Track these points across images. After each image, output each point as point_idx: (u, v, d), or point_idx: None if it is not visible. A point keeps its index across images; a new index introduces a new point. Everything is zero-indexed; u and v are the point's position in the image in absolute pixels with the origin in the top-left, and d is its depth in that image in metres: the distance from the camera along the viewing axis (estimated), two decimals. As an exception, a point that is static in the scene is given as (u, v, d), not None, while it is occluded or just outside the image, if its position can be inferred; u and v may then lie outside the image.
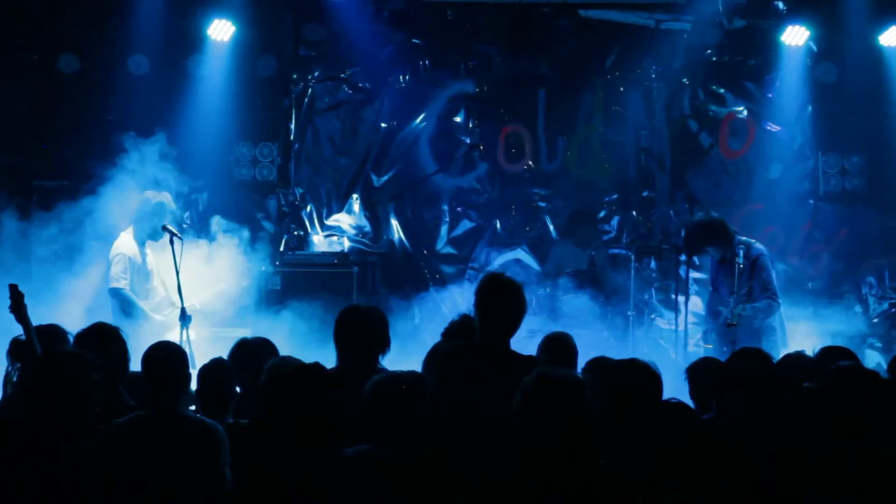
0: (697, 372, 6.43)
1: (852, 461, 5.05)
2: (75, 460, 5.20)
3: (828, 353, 6.65)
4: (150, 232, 9.84)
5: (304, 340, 10.36)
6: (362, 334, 6.29)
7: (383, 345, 6.33)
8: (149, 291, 9.92)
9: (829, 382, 5.43)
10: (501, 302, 6.22)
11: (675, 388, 6.21)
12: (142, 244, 9.88)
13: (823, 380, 5.49)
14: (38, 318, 6.97)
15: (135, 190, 10.46)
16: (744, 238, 9.74)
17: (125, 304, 9.68)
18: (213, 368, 6.23)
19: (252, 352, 6.66)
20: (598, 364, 6.41)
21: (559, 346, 7.12)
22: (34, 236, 11.08)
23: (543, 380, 4.77)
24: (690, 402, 6.05)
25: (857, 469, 5.03)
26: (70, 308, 9.95)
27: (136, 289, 9.78)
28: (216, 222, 11.44)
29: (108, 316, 9.65)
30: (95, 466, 5.23)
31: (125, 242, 9.81)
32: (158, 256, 9.98)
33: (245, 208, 13.31)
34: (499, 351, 6.16)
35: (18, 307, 6.48)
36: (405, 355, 6.81)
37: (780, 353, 7.63)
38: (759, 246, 9.71)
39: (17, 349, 6.77)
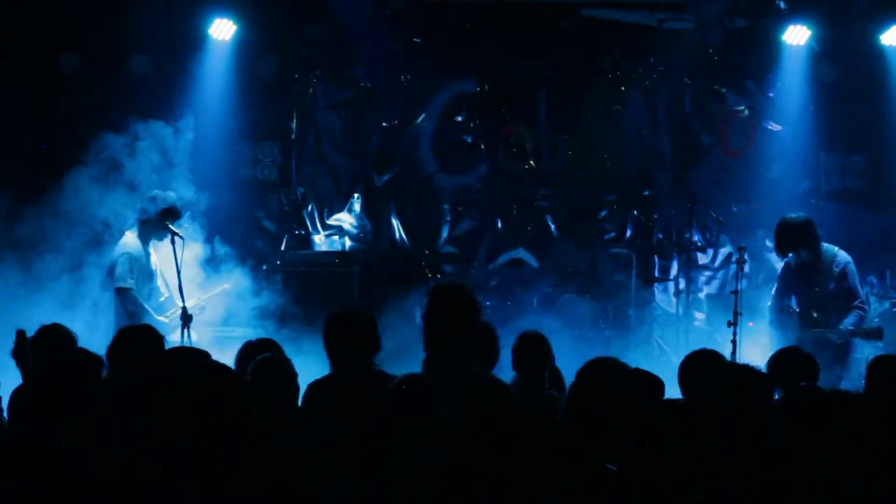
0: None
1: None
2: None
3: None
4: (156, 232, 9.79)
5: (305, 340, 10.36)
6: (351, 339, 6.29)
7: (374, 347, 6.35)
8: (152, 291, 9.90)
9: None
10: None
11: (676, 388, 6.21)
12: (146, 244, 9.87)
13: None
14: (39, 318, 6.99)
15: (136, 190, 10.44)
16: (826, 245, 9.80)
17: (131, 304, 9.63)
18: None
19: (259, 353, 6.62)
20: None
21: (529, 345, 7.11)
22: (34, 236, 11.06)
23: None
24: None
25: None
26: (72, 308, 9.94)
27: (139, 288, 9.76)
28: (217, 222, 11.41)
29: (111, 316, 9.66)
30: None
31: (130, 242, 9.78)
32: (159, 256, 9.96)
33: (246, 208, 13.31)
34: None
35: (20, 350, 6.60)
36: (406, 356, 6.79)
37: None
38: (844, 253, 9.78)
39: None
